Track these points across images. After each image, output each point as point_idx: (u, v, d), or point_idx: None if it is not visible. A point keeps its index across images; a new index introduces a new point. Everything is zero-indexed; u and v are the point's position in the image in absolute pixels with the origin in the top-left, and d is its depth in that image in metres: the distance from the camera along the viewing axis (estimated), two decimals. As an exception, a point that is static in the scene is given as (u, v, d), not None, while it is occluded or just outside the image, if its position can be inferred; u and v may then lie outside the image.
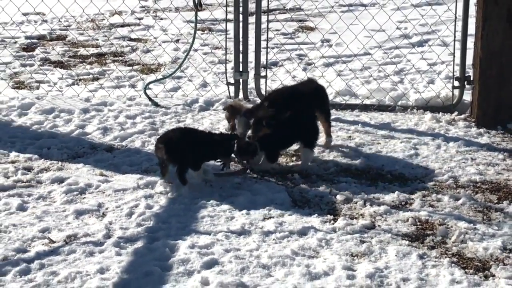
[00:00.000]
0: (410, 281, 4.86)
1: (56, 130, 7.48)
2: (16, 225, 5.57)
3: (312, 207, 5.93)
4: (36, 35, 11.22)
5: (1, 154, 6.85)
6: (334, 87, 8.66)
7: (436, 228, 5.57)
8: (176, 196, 6.04)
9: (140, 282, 4.82)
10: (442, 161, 6.79)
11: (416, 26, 10.27)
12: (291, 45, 10.28)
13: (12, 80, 9.18)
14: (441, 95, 8.30)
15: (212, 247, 5.25)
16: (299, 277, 4.89)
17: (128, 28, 11.61)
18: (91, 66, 9.85)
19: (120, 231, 5.47)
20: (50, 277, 4.87)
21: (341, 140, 7.25)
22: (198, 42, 10.31)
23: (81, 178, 6.35)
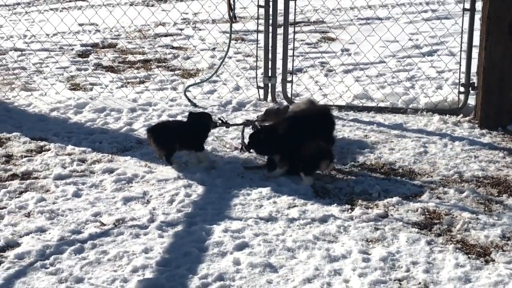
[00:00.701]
0: (419, 264, 4.84)
1: (107, 127, 7.52)
2: (72, 209, 5.62)
3: (332, 197, 5.91)
4: (90, 43, 11.27)
5: (59, 147, 6.89)
6: (352, 91, 8.62)
7: (443, 218, 5.53)
8: (211, 186, 6.05)
9: (180, 261, 4.83)
10: (449, 158, 6.73)
11: (427, 38, 10.21)
12: (314, 53, 10.24)
13: (69, 83, 9.23)
14: (448, 99, 8.23)
15: (243, 232, 5.25)
16: (320, 259, 4.88)
17: (171, 38, 11.62)
18: (138, 70, 9.88)
19: (163, 216, 5.49)
20: (101, 256, 4.90)
21: (358, 138, 7.21)
22: (232, 50, 10.30)
23: (129, 169, 6.37)
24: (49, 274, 4.67)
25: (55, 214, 5.51)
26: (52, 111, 7.94)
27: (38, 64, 9.94)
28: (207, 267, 4.77)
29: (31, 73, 9.57)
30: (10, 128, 7.38)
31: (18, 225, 5.34)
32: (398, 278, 4.69)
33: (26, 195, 5.83)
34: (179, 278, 4.64)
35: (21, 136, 7.16)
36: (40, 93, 8.64)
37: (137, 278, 4.61)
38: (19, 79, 9.22)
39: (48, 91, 8.66)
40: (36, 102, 8.22)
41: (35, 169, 6.37)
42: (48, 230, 5.26)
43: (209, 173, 6.31)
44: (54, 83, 9.02)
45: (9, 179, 6.18)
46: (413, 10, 11.84)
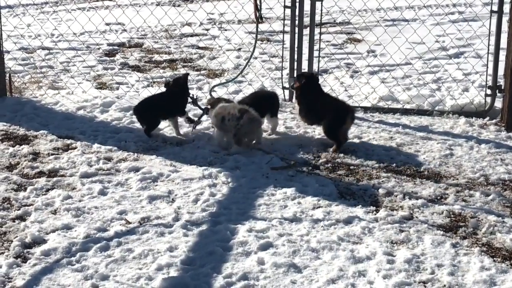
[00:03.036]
0: (444, 267, 4.82)
1: (133, 126, 7.56)
2: (98, 207, 5.66)
3: (356, 199, 5.90)
4: (117, 42, 11.35)
5: (85, 145, 6.94)
6: (378, 92, 8.59)
7: (468, 221, 5.50)
8: (236, 186, 6.07)
9: (204, 260, 4.85)
10: (475, 161, 6.69)
11: (453, 40, 10.15)
12: (340, 54, 10.23)
13: (96, 81, 9.30)
14: (474, 102, 8.18)
15: (267, 232, 5.26)
16: (344, 260, 4.87)
17: (197, 38, 11.67)
18: (164, 70, 9.93)
19: (187, 215, 5.52)
20: (126, 253, 4.93)
21: (383, 140, 7.19)
22: (258, 51, 10.32)
23: (154, 168, 6.41)
24: (75, 271, 4.72)
25: (81, 211, 5.56)
26: (79, 109, 8.01)
27: (65, 63, 10.03)
28: (232, 267, 4.78)
29: (58, 71, 9.65)
30: (37, 126, 7.46)
31: (44, 222, 5.39)
32: (423, 280, 4.67)
33: (53, 192, 5.89)
34: (204, 277, 4.66)
35: (48, 134, 7.23)
36: (67, 91, 8.71)
37: (161, 276, 4.64)
38: (46, 77, 9.31)
39: (75, 90, 8.73)
40: (63, 101, 8.29)
41: (61, 167, 6.43)
42: (74, 227, 5.31)
43: (234, 173, 6.33)
44: (81, 82, 9.09)
45: (36, 177, 6.24)
46: (440, 12, 11.78)
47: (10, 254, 4.93)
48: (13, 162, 6.56)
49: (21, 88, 8.75)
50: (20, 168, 6.40)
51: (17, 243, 5.03)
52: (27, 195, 5.85)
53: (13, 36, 10.13)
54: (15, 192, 5.91)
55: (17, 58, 10.01)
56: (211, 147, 6.96)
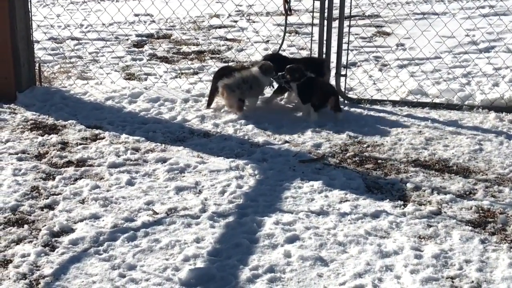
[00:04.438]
0: (472, 262, 4.78)
1: (161, 117, 7.58)
2: (125, 197, 5.68)
3: (384, 193, 5.87)
4: (145, 33, 11.38)
5: (113, 135, 6.98)
6: (407, 86, 8.53)
7: (497, 216, 5.44)
8: (263, 178, 6.06)
9: (231, 252, 4.86)
10: (504, 156, 6.62)
11: (484, 34, 10.03)
12: (369, 48, 10.16)
13: (124, 72, 9.34)
14: (505, 97, 8.09)
15: (294, 224, 5.25)
16: (371, 255, 4.85)
17: (225, 29, 11.66)
18: (192, 62, 9.94)
19: (214, 206, 5.52)
20: (153, 244, 4.95)
21: (412, 134, 7.14)
22: (286, 43, 10.29)
23: (181, 159, 6.42)
24: (102, 261, 4.74)
25: (109, 201, 5.59)
26: (107, 100, 8.04)
27: (94, 53, 10.08)
28: (258, 259, 4.78)
29: (87, 62, 9.71)
30: (66, 116, 7.50)
31: (72, 211, 5.43)
32: (451, 276, 4.64)
33: (81, 182, 5.93)
34: (230, 269, 4.66)
35: (77, 124, 7.28)
36: (96, 82, 8.76)
37: (188, 267, 4.65)
38: (75, 67, 9.36)
39: (103, 80, 8.77)
40: (91, 91, 8.34)
41: (90, 157, 6.47)
42: (102, 217, 5.34)
43: (261, 165, 6.32)
44: (110, 72, 9.13)
45: (64, 166, 6.29)
46: (470, 5, 11.66)
47: (39, 242, 4.97)
48: (42, 151, 6.61)
49: (50, 78, 8.82)
50: (49, 158, 6.45)
51: (45, 232, 5.07)
52: (55, 184, 5.90)
53: (42, 26, 10.19)
54: (43, 181, 5.96)
55: (46, 48, 10.08)
56: (238, 139, 6.96)
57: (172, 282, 4.52)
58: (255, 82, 7.65)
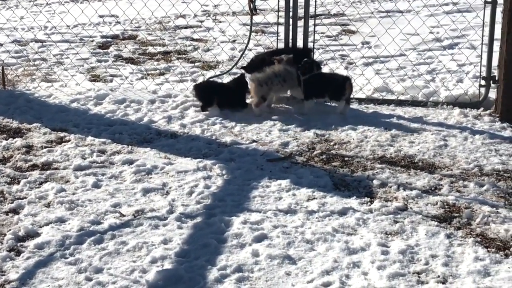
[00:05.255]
0: (438, 257, 4.82)
1: (127, 118, 7.54)
2: (91, 200, 5.64)
3: (351, 190, 5.90)
4: (110, 34, 11.31)
5: (79, 138, 6.92)
6: (372, 84, 8.58)
7: (462, 211, 5.50)
8: (231, 178, 6.06)
9: (199, 253, 4.84)
10: (469, 152, 6.69)
11: (448, 31, 10.13)
12: (334, 46, 10.20)
13: (89, 74, 9.28)
14: (468, 93, 8.18)
15: (262, 223, 5.25)
16: (338, 252, 4.87)
17: (191, 30, 11.63)
18: (158, 62, 9.90)
19: (182, 207, 5.51)
20: (120, 246, 4.92)
21: (378, 131, 7.18)
22: (253, 42, 10.29)
23: (148, 161, 6.39)
24: (69, 264, 4.70)
25: (75, 204, 5.54)
26: (72, 102, 7.98)
27: (59, 55, 10.00)
28: (226, 259, 4.78)
29: (51, 64, 9.62)
30: (30, 119, 7.43)
31: (38, 215, 5.38)
32: (417, 271, 4.67)
33: (46, 185, 5.87)
34: (198, 269, 4.65)
35: (42, 127, 7.21)
36: (61, 84, 8.69)
37: (156, 269, 4.63)
38: (39, 70, 9.27)
39: (68, 82, 8.70)
40: (56, 93, 8.27)
41: (55, 160, 6.41)
42: (68, 220, 5.29)
43: (229, 165, 6.31)
44: (75, 74, 9.06)
45: (29, 170, 6.22)
46: (434, 2, 11.75)
47: (4, 247, 4.91)
48: (6, 155, 6.54)
49: (14, 81, 8.72)
50: (13, 161, 6.38)
51: (10, 237, 5.01)
52: (20, 188, 5.83)
53: (6, 28, 10.09)
54: (8, 185, 5.89)
55: (10, 50, 9.97)
56: (206, 139, 6.95)
57: (140, 284, 4.49)
58: (288, 76, 7.72)
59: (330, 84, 7.61)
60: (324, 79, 7.73)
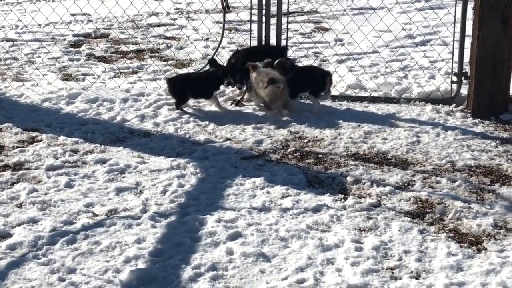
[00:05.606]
0: (411, 253, 4.85)
1: (100, 117, 7.50)
2: (64, 200, 5.60)
3: (325, 187, 5.92)
4: (82, 33, 11.23)
5: (51, 137, 6.87)
6: (346, 81, 8.61)
7: (435, 207, 5.54)
8: (205, 176, 6.05)
9: (173, 252, 4.83)
10: (441, 148, 6.74)
11: (420, 28, 10.18)
12: (308, 43, 10.22)
13: (61, 73, 9.20)
14: (441, 89, 8.24)
15: (236, 221, 5.25)
16: (312, 249, 4.88)
17: (164, 28, 11.58)
18: (131, 61, 9.85)
19: (155, 206, 5.49)
20: (94, 246, 4.90)
21: (351, 128, 7.21)
22: (226, 40, 10.28)
23: (121, 160, 6.36)
24: (41, 265, 4.66)
25: (47, 205, 5.50)
26: (44, 101, 7.92)
27: (30, 55, 9.91)
28: (200, 257, 4.77)
29: (23, 63, 9.54)
30: (1, 119, 7.36)
31: (10, 216, 5.33)
32: (391, 266, 4.70)
33: (18, 185, 5.82)
34: (172, 268, 4.63)
35: (13, 126, 7.14)
36: (32, 83, 8.62)
37: (129, 268, 4.61)
38: (10, 69, 9.19)
39: (40, 82, 8.63)
40: (28, 93, 8.20)
41: (26, 160, 6.35)
42: (40, 221, 5.25)
43: (203, 163, 6.30)
44: (46, 74, 8.99)
45: (0, 170, 6.16)
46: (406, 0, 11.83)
47: (-25, 249, 4.86)
48: (-22, 155, 6.48)
49: (-15, 81, 8.63)
50: (-15, 162, 6.32)
51: (-18, 238, 4.97)
52: (-8, 189, 5.79)
53: (-24, 28, 9.98)
54: (-21, 186, 5.84)
55: (-20, 50, 9.87)
56: (179, 138, 6.94)
57: (113, 284, 4.47)
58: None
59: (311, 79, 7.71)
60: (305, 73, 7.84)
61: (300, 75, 7.74)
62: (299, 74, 7.75)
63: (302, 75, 7.76)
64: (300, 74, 7.78)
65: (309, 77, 7.73)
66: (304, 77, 7.72)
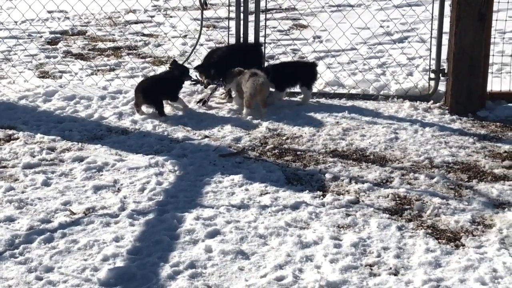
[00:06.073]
0: (390, 249, 4.87)
1: (77, 115, 7.45)
2: (41, 198, 5.56)
3: (303, 184, 5.92)
4: (59, 30, 11.15)
5: (28, 135, 6.81)
6: (324, 78, 8.62)
7: (413, 203, 5.56)
8: (183, 174, 6.03)
9: (151, 250, 4.81)
10: (419, 144, 6.77)
11: (397, 25, 10.23)
12: (286, 40, 10.22)
13: (38, 70, 9.13)
14: (418, 86, 8.27)
15: (215, 219, 5.24)
16: (291, 246, 4.88)
17: (141, 25, 11.53)
18: (108, 58, 9.79)
19: (133, 204, 5.46)
20: (71, 245, 4.86)
21: (329, 125, 7.22)
22: (204, 37, 10.25)
23: (99, 158, 6.32)
24: (18, 264, 4.63)
25: (24, 203, 5.45)
26: (21, 99, 7.85)
27: (6, 52, 9.81)
28: (179, 255, 4.75)
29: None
30: (-23, 117, 7.29)
31: (-14, 214, 5.28)
32: (369, 263, 4.71)
33: (-5, 184, 5.77)
34: (150, 266, 4.61)
35: (-11, 124, 7.08)
36: (8, 81, 8.54)
37: (107, 266, 4.58)
38: (-14, 67, 9.09)
39: (16, 79, 8.56)
40: (4, 90, 8.13)
41: (3, 158, 6.30)
42: (17, 219, 5.20)
43: (181, 160, 6.28)
44: (23, 71, 8.91)
45: (-23, 168, 6.11)
46: (384, -3, 11.85)
47: (-49, 248, 4.81)
48: (-47, 154, 6.40)
49: (-40, 78, 8.54)
50: (-40, 160, 6.26)
51: (-43, 237, 4.91)
52: (-33, 187, 5.72)
53: (-49, 24, 9.87)
54: (-45, 185, 5.77)
55: (-45, 47, 9.76)
56: (157, 135, 6.91)
57: (91, 283, 4.44)
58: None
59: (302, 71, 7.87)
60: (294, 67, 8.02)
61: (288, 69, 7.86)
62: (287, 69, 7.89)
63: (290, 69, 7.89)
64: (288, 68, 7.92)
65: (299, 70, 7.89)
66: (293, 71, 7.84)
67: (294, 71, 7.89)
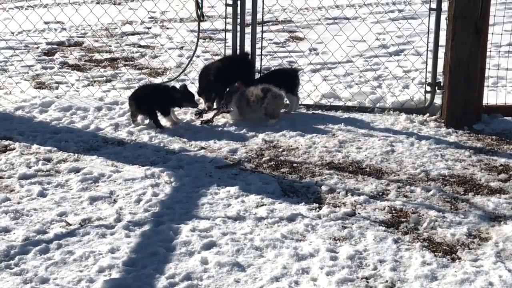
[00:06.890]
0: (386, 262, 4.86)
1: (73, 126, 7.44)
2: (37, 209, 5.55)
3: (299, 196, 5.92)
4: (56, 41, 11.15)
5: (24, 146, 6.80)
6: (320, 90, 8.64)
7: (409, 216, 5.56)
8: (179, 185, 6.02)
9: (147, 261, 4.80)
10: (415, 157, 6.78)
11: (393, 38, 10.26)
12: (282, 53, 10.24)
13: (34, 81, 9.13)
14: (414, 99, 8.29)
15: (211, 231, 5.23)
16: (287, 258, 4.88)
17: (138, 36, 11.55)
18: (105, 69, 9.80)
19: (129, 215, 5.45)
20: (67, 256, 4.85)
21: (326, 137, 7.23)
22: (200, 49, 10.27)
23: (95, 169, 6.31)
24: (14, 275, 4.61)
25: (20, 214, 5.44)
26: (17, 110, 7.85)
27: (3, 62, 9.81)
28: (175, 267, 4.74)
29: (-5, 71, 9.44)
30: (-27, 127, 7.28)
31: (-18, 225, 5.26)
32: (365, 276, 4.71)
33: (-10, 195, 5.75)
34: (146, 278, 4.60)
35: (-15, 135, 7.07)
36: (5, 91, 8.53)
37: (103, 278, 4.57)
38: (-17, 77, 9.08)
39: (13, 90, 8.55)
40: (0, 101, 8.12)
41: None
42: (13, 230, 5.19)
43: (177, 172, 6.28)
44: (19, 82, 8.91)
45: (-28, 179, 6.09)
46: (380, 10, 11.91)
47: None
48: (-51, 164, 6.39)
49: (-44, 89, 8.53)
50: (-44, 171, 6.24)
51: (-47, 248, 4.89)
52: (-37, 198, 5.70)
53: None
54: (-50, 195, 5.75)
55: (-48, 57, 9.75)
56: (154, 146, 6.90)
57: (87, 294, 4.43)
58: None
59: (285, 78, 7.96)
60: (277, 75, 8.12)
61: (270, 78, 7.95)
62: (269, 78, 7.98)
63: (273, 77, 7.97)
64: (270, 77, 8.02)
65: (281, 78, 7.97)
66: (276, 79, 7.88)
67: (277, 79, 7.90)
